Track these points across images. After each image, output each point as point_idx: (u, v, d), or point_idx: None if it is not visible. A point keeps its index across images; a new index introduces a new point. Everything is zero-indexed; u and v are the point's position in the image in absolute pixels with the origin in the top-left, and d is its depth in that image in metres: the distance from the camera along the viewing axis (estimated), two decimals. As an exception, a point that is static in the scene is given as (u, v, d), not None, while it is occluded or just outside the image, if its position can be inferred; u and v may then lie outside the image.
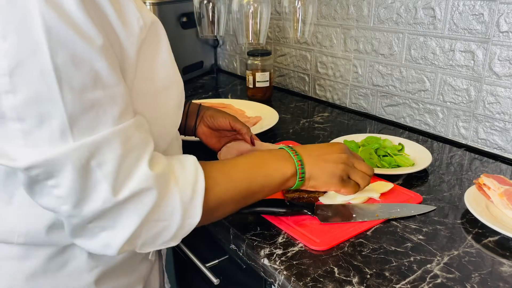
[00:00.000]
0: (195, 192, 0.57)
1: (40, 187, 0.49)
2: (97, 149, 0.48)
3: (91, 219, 0.51)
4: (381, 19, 1.24)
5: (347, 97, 1.41)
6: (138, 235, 0.54)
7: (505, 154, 1.04)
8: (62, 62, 0.45)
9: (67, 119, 0.47)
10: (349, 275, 0.63)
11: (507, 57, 0.99)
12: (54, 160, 0.47)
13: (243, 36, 1.25)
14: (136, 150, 0.52)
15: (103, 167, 0.49)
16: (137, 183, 0.51)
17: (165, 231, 0.56)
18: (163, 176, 0.54)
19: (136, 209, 0.52)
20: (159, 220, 0.54)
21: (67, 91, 0.46)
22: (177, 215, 0.55)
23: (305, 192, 0.84)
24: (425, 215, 0.78)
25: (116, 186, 0.50)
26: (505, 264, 0.66)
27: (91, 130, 0.48)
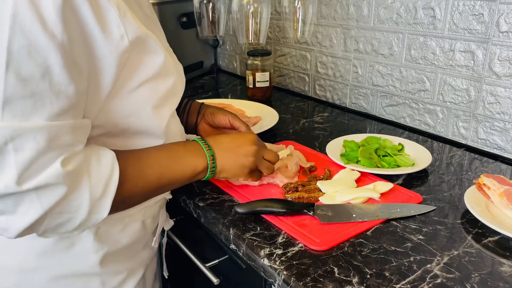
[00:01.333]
0: (107, 189, 0.58)
1: None
2: (20, 135, 0.50)
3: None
4: (381, 19, 1.24)
5: (347, 97, 1.41)
6: (40, 223, 0.55)
7: (505, 154, 1.04)
8: (17, 47, 0.48)
9: (2, 99, 0.49)
10: (349, 275, 0.63)
11: (507, 57, 0.99)
12: None
13: (243, 36, 1.25)
14: (58, 149, 0.53)
15: (18, 154, 0.50)
16: (45, 178, 0.52)
17: (68, 222, 0.57)
18: (74, 172, 0.55)
19: (39, 201, 0.53)
20: (63, 213, 0.56)
21: (12, 75, 0.48)
22: (83, 210, 0.57)
23: (305, 192, 0.84)
24: (425, 215, 0.78)
25: (23, 176, 0.51)
26: (505, 264, 0.66)
27: (22, 117, 0.50)
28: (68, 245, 0.67)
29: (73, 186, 0.55)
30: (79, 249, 0.68)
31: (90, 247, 0.68)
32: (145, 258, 0.81)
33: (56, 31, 0.50)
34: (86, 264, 0.69)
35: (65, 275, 0.68)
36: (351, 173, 0.90)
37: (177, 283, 1.13)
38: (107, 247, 0.70)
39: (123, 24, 0.56)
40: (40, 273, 0.67)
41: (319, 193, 0.84)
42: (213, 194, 0.85)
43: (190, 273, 1.00)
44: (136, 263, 0.78)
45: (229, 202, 0.83)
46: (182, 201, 0.87)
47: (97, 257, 0.69)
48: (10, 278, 0.66)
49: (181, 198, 0.86)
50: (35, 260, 0.66)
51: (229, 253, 0.84)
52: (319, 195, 0.83)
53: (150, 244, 0.82)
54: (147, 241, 0.81)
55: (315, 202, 0.81)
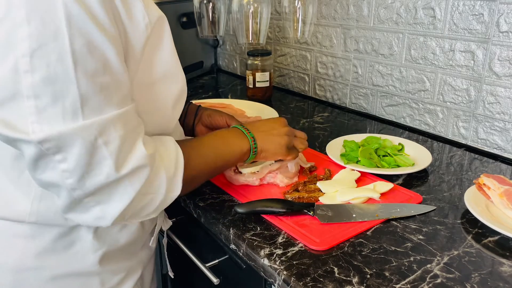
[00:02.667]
0: (177, 168, 0.64)
1: (46, 161, 0.53)
2: (104, 129, 0.54)
3: (92, 192, 0.56)
4: (381, 19, 1.24)
5: (347, 97, 1.41)
6: (129, 207, 0.59)
7: (505, 154, 1.04)
8: (79, 47, 0.51)
9: (79, 99, 0.52)
10: (349, 275, 0.63)
11: (507, 57, 0.99)
12: (67, 135, 0.51)
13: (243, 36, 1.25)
14: (134, 131, 0.58)
15: (109, 145, 0.54)
16: (136, 160, 0.57)
17: (150, 203, 0.62)
18: (153, 155, 0.60)
19: (131, 184, 0.57)
20: (147, 193, 0.60)
21: (81, 73, 0.51)
22: (162, 190, 0.62)
23: (305, 192, 0.84)
24: (425, 215, 0.78)
25: (118, 163, 0.55)
26: (505, 264, 0.66)
27: (99, 111, 0.53)
28: (67, 245, 0.67)
29: (153, 167, 0.60)
30: (78, 249, 0.68)
31: (89, 246, 0.69)
32: (143, 258, 0.81)
33: (106, 24, 0.53)
34: (85, 263, 0.69)
35: (64, 275, 0.68)
36: (351, 173, 0.90)
37: (177, 283, 1.13)
38: (106, 246, 0.71)
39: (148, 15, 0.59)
40: (39, 273, 0.67)
41: (319, 193, 0.84)
42: (213, 194, 0.85)
43: (190, 273, 1.00)
44: (135, 263, 0.79)
45: (229, 202, 0.83)
46: (182, 201, 0.87)
47: (96, 256, 0.70)
48: (7, 277, 0.66)
49: (181, 198, 0.87)
50: (33, 259, 0.66)
51: (229, 253, 0.84)
52: (319, 195, 0.83)
53: (148, 244, 0.82)
54: (145, 241, 0.81)
55: (315, 202, 0.81)
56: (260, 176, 0.87)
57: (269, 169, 0.88)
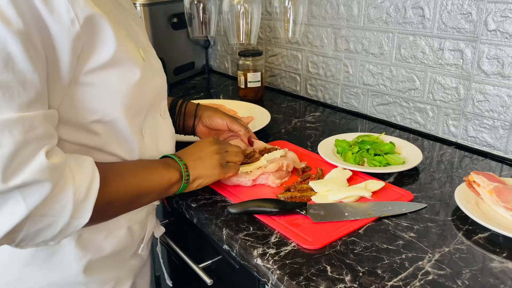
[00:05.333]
0: (89, 192, 0.56)
1: None
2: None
3: None
4: (371, 18, 1.25)
5: (338, 96, 1.42)
6: (21, 228, 0.52)
7: (494, 152, 1.05)
8: None
9: None
10: (341, 273, 0.63)
11: (495, 56, 1.00)
12: None
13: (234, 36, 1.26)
14: (37, 141, 0.51)
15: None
16: (31, 173, 0.50)
17: (49, 228, 0.54)
18: (59, 168, 0.53)
19: (24, 200, 0.50)
20: (46, 215, 0.53)
21: None
22: (66, 213, 0.54)
23: (298, 192, 0.84)
24: (416, 212, 0.79)
25: (7, 173, 0.48)
26: (495, 260, 0.66)
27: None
28: (49, 254, 0.65)
29: (57, 184, 0.53)
30: (60, 258, 0.65)
31: (72, 255, 0.66)
32: (134, 267, 0.78)
33: (10, 16, 0.48)
34: (69, 273, 0.66)
35: (48, 285, 0.66)
36: (343, 172, 0.91)
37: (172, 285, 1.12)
38: (90, 254, 0.68)
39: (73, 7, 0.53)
40: (23, 284, 0.64)
41: (311, 192, 0.84)
42: (205, 195, 0.85)
43: (184, 274, 1.00)
44: (124, 272, 0.75)
45: (221, 202, 0.83)
46: (174, 202, 0.87)
47: (80, 265, 0.67)
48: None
49: (174, 199, 0.86)
50: (15, 271, 0.64)
51: (222, 253, 0.84)
52: (312, 194, 0.83)
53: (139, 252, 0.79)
54: (137, 249, 0.78)
55: (308, 201, 0.81)
56: (252, 177, 0.87)
57: (262, 171, 0.88)
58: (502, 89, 1.01)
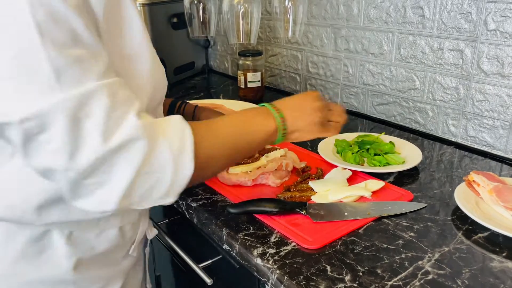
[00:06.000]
0: (184, 144, 0.58)
1: (34, 144, 0.51)
2: (85, 101, 0.50)
3: (86, 172, 0.52)
4: (370, 18, 1.25)
5: (338, 96, 1.42)
6: (133, 188, 0.54)
7: (494, 151, 1.05)
8: (42, 18, 0.47)
9: (53, 72, 0.48)
10: (341, 273, 0.63)
11: (495, 55, 1.00)
12: (46, 110, 0.48)
13: (234, 36, 1.26)
14: (123, 104, 0.53)
15: (92, 118, 0.50)
16: (126, 132, 0.52)
17: (159, 184, 0.56)
18: (150, 126, 0.55)
19: (127, 160, 0.52)
20: (151, 172, 0.55)
21: (50, 45, 0.48)
22: (168, 166, 0.56)
23: (298, 192, 0.84)
24: (416, 212, 0.79)
25: (105, 135, 0.51)
26: (495, 259, 0.66)
27: (77, 83, 0.50)
28: (39, 251, 0.65)
29: (152, 141, 0.54)
30: (51, 255, 0.65)
31: (62, 252, 0.66)
32: (125, 267, 0.77)
33: None
34: (59, 270, 0.66)
35: (37, 281, 0.66)
36: (342, 172, 0.91)
37: (170, 284, 1.12)
38: (81, 252, 0.68)
39: None
40: (11, 279, 0.65)
41: (311, 192, 0.84)
42: (205, 195, 0.85)
43: (184, 273, 1.00)
44: (115, 272, 0.75)
45: (221, 202, 0.83)
46: (174, 202, 0.87)
47: (70, 262, 0.66)
48: None
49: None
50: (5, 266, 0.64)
51: (222, 253, 0.84)
52: (311, 194, 0.83)
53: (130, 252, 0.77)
54: (129, 250, 0.77)
55: (307, 201, 0.81)
56: (252, 177, 0.87)
57: (262, 170, 0.88)
58: (502, 89, 1.01)
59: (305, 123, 0.74)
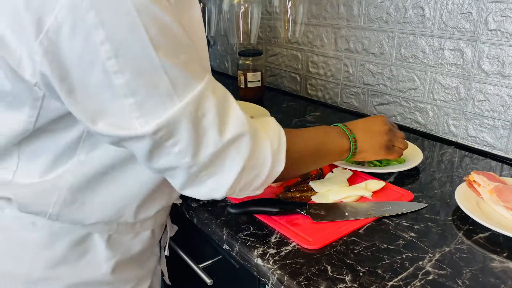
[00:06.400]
0: (281, 143, 0.64)
1: (160, 150, 0.55)
2: (199, 102, 0.54)
3: (206, 165, 0.57)
4: (371, 18, 1.25)
5: (338, 96, 1.41)
6: (239, 179, 0.59)
7: (495, 151, 1.05)
8: (154, 34, 0.50)
9: (170, 84, 0.52)
10: (342, 273, 0.63)
11: (496, 55, 1.00)
12: (174, 119, 0.52)
13: (234, 36, 1.25)
14: (223, 97, 0.58)
15: (207, 116, 0.55)
16: (237, 126, 0.57)
17: (258, 176, 0.62)
18: (253, 123, 0.60)
19: (238, 153, 0.58)
20: (254, 166, 0.61)
21: (164, 58, 0.51)
22: (268, 162, 0.62)
23: (298, 192, 0.84)
24: (417, 212, 0.79)
25: (220, 129, 0.56)
26: (496, 260, 0.66)
27: (190, 88, 0.53)
28: (80, 254, 0.66)
29: (256, 137, 0.60)
30: (91, 258, 0.67)
31: (102, 255, 0.68)
32: (152, 267, 0.80)
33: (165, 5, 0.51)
34: (98, 273, 0.68)
35: (76, 284, 0.67)
36: (343, 172, 0.91)
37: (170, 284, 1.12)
38: (119, 255, 0.70)
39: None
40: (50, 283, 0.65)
41: (311, 192, 0.84)
42: (205, 195, 0.85)
43: (184, 273, 1.00)
44: (145, 271, 0.78)
45: (221, 202, 0.83)
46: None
47: (109, 265, 0.68)
48: None
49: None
50: (44, 270, 0.64)
51: (222, 253, 0.84)
52: (312, 194, 0.83)
53: (155, 252, 0.81)
54: (154, 249, 0.80)
55: (308, 201, 0.81)
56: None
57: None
58: (502, 89, 1.01)
59: (373, 145, 0.82)
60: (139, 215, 0.70)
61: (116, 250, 0.69)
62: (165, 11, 0.51)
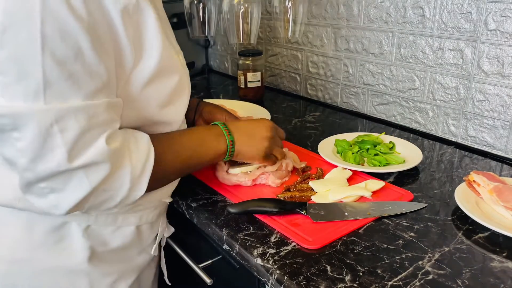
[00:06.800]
0: (145, 169, 0.63)
1: (6, 136, 0.54)
2: (63, 117, 0.53)
3: (43, 178, 0.56)
4: (371, 18, 1.25)
5: (338, 96, 1.42)
6: (86, 201, 0.59)
7: (494, 151, 1.05)
8: (50, 32, 0.50)
9: (42, 82, 0.51)
10: (341, 273, 0.63)
11: (495, 55, 1.00)
12: (21, 115, 0.52)
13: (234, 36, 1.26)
14: (99, 127, 0.57)
15: (64, 134, 0.54)
16: (92, 155, 0.56)
17: (111, 200, 0.62)
18: (118, 151, 0.59)
19: (87, 178, 0.57)
20: (107, 190, 0.60)
21: (48, 58, 0.51)
22: (124, 188, 0.61)
23: (298, 192, 0.84)
24: (416, 212, 0.79)
25: (72, 154, 0.55)
26: (495, 259, 0.66)
27: (62, 98, 0.53)
28: (57, 240, 0.68)
29: (116, 165, 0.59)
30: (67, 245, 0.69)
31: (78, 243, 0.69)
32: (140, 264, 0.80)
33: (82, 13, 0.52)
34: (74, 260, 0.70)
35: (52, 269, 0.69)
36: (343, 172, 0.91)
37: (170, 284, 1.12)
38: (95, 246, 0.71)
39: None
40: (30, 264, 0.68)
41: (311, 192, 0.84)
42: (205, 195, 0.85)
43: (183, 273, 1.00)
44: (129, 267, 0.78)
45: (221, 202, 0.83)
46: (174, 202, 0.87)
47: (85, 254, 0.70)
48: (1, 267, 0.68)
49: (174, 199, 0.86)
50: (25, 251, 0.67)
51: (222, 253, 0.84)
52: (312, 194, 0.83)
53: (148, 251, 0.82)
54: (145, 247, 0.81)
55: (308, 201, 0.81)
56: (252, 177, 0.87)
57: (262, 171, 0.88)
58: (502, 89, 1.01)
59: (251, 150, 0.80)
60: None
61: (93, 240, 0.71)
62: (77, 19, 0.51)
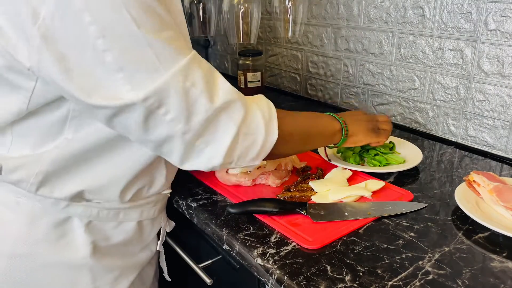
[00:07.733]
0: (272, 114, 0.67)
1: (154, 118, 0.58)
2: (186, 73, 0.58)
3: (199, 131, 0.60)
4: (371, 18, 1.25)
5: (338, 96, 1.42)
6: (235, 145, 0.63)
7: (494, 151, 1.05)
8: (136, 13, 0.53)
9: (155, 57, 0.55)
10: (341, 273, 0.63)
11: (495, 55, 1.00)
12: (161, 88, 0.56)
13: (234, 36, 1.26)
14: (209, 70, 0.62)
15: (196, 85, 0.58)
16: (225, 93, 0.61)
17: (253, 145, 0.65)
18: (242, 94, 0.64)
19: (230, 118, 0.61)
20: (248, 133, 0.64)
21: (147, 34, 0.54)
22: (261, 130, 0.65)
23: (298, 192, 0.84)
24: (416, 212, 0.79)
25: (210, 97, 0.59)
26: (495, 259, 0.66)
27: (175, 61, 0.57)
28: (60, 235, 0.69)
29: (246, 105, 0.63)
30: (70, 240, 0.70)
31: (81, 238, 0.71)
32: (142, 260, 0.81)
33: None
34: (77, 255, 0.71)
35: (54, 264, 0.70)
36: (343, 172, 0.91)
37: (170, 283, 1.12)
38: (98, 241, 0.72)
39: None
40: (31, 259, 0.69)
41: (311, 192, 0.84)
42: (205, 195, 0.85)
43: (183, 273, 1.00)
44: (131, 263, 0.79)
45: (221, 202, 0.83)
46: (174, 202, 0.87)
47: (88, 249, 0.71)
48: (2, 262, 0.68)
49: (174, 199, 0.86)
50: (26, 246, 0.68)
51: (222, 253, 0.84)
52: (312, 194, 0.83)
53: (151, 247, 0.83)
54: (148, 244, 0.82)
55: (308, 201, 0.81)
56: (252, 177, 0.87)
57: (262, 170, 0.88)
58: (502, 89, 1.01)
59: (362, 129, 0.86)
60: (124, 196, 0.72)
61: (95, 235, 0.72)
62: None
